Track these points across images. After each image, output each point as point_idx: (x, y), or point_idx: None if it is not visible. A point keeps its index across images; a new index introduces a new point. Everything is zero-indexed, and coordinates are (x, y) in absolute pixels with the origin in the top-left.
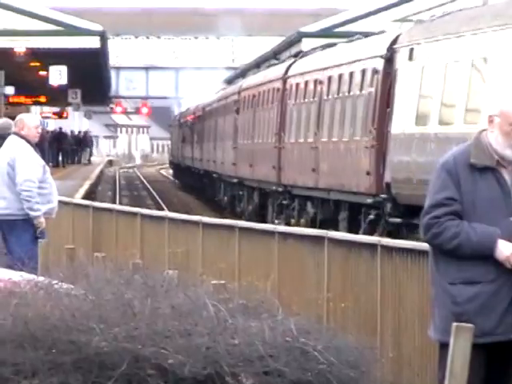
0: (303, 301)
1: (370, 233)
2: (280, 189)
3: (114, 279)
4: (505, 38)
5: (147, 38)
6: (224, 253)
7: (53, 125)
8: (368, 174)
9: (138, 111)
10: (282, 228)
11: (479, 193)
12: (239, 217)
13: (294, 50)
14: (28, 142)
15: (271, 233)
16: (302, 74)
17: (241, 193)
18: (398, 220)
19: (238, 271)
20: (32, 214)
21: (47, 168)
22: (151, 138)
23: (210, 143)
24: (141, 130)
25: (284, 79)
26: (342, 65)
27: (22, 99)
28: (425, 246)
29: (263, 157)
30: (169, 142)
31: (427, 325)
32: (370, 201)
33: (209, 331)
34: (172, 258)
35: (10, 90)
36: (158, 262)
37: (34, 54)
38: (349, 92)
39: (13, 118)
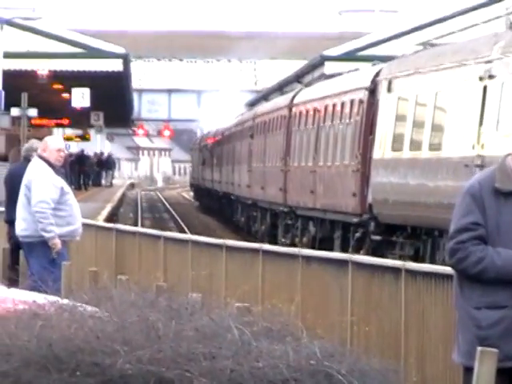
0: (327, 324)
1: (357, 250)
2: (286, 209)
3: (138, 302)
4: (461, 72)
5: (170, 60)
6: (247, 276)
7: (75, 147)
8: (354, 195)
9: (160, 134)
10: (306, 251)
11: (504, 217)
12: (254, 237)
13: (316, 74)
14: (49, 164)
15: (295, 256)
16: (304, 102)
17: (255, 214)
18: (379, 237)
19: (262, 294)
20: (46, 235)
21: (67, 190)
22: (173, 161)
23: (229, 166)
24: (163, 152)
25: (290, 107)
26: (335, 95)
27: (45, 121)
28: (449, 269)
29: (272, 179)
30: (190, 165)
31: (451, 349)
32: (356, 220)
33: (233, 354)
34: (195, 280)
35: (33, 112)
36: (182, 284)
37: (56, 76)
38: (340, 120)
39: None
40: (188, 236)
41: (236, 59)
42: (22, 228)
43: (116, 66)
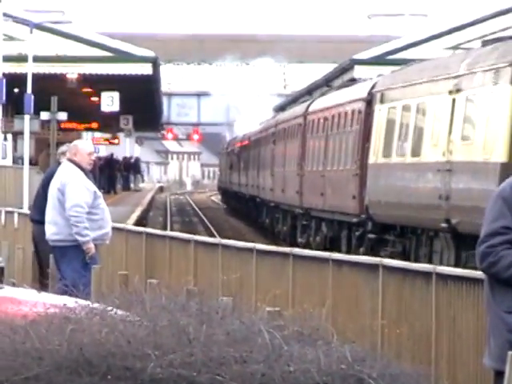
0: (358, 328)
1: (358, 248)
2: (302, 211)
3: (168, 306)
4: (436, 86)
5: (199, 64)
6: (278, 280)
7: (104, 151)
8: (354, 197)
9: (189, 137)
10: (337, 255)
11: None
12: (278, 237)
13: (346, 77)
14: (80, 167)
15: (325, 260)
16: (316, 111)
17: (277, 215)
18: (373, 236)
19: (292, 298)
20: (81, 239)
21: (99, 194)
22: (202, 165)
23: (254, 170)
24: (192, 156)
25: (305, 115)
26: (340, 105)
27: (74, 125)
28: (480, 274)
29: (290, 183)
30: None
31: (482, 353)
32: (355, 220)
33: (264, 358)
34: (226, 284)
35: (62, 115)
36: (212, 288)
37: (86, 80)
38: (344, 128)
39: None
40: (218, 240)
41: (265, 63)
42: (53, 232)
43: (145, 69)
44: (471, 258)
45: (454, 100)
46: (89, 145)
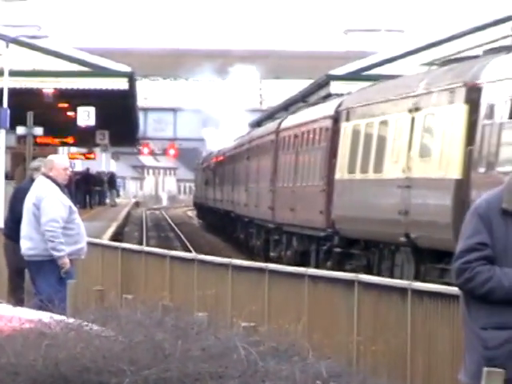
0: (334, 344)
1: (326, 260)
2: (274, 226)
3: (144, 321)
4: (397, 105)
5: (175, 79)
6: (254, 295)
7: (80, 166)
8: (321, 212)
9: (165, 153)
10: (312, 271)
11: (511, 238)
12: (252, 252)
13: (322, 93)
14: (56, 183)
15: (301, 276)
16: (287, 128)
17: (251, 230)
18: (339, 250)
19: (268, 314)
20: (56, 254)
21: (74, 209)
22: (178, 180)
23: (229, 186)
24: (168, 171)
25: (277, 132)
26: (309, 122)
27: (50, 140)
28: (455, 290)
29: (263, 199)
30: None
31: (458, 369)
32: (322, 234)
33: (239, 374)
34: (202, 300)
35: (38, 130)
36: (188, 304)
37: (62, 94)
38: (312, 145)
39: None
40: (194, 255)
41: (241, 78)
42: (28, 247)
43: (122, 84)
44: (430, 271)
45: (413, 118)
46: (64, 160)
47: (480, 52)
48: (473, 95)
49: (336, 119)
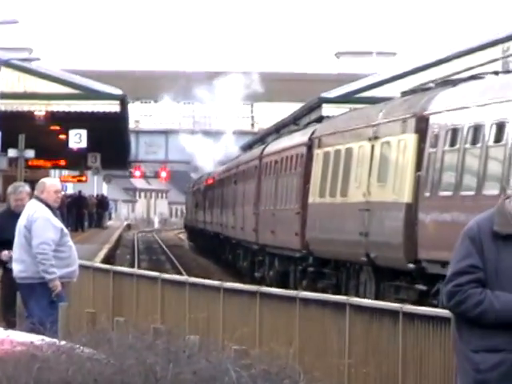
0: (325, 367)
1: (301, 280)
2: (257, 247)
3: (135, 344)
4: (359, 134)
5: (167, 102)
6: (245, 318)
7: (72, 188)
8: (296, 234)
9: (157, 175)
10: (304, 294)
11: (502, 260)
12: (239, 273)
13: (314, 116)
14: (47, 205)
15: (293, 299)
16: (269, 154)
17: (238, 251)
18: (312, 269)
19: (260, 337)
20: (47, 276)
21: (66, 231)
22: (170, 203)
23: (218, 209)
24: (159, 194)
25: (260, 158)
26: (287, 149)
27: (42, 162)
28: (446, 313)
29: (248, 221)
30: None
31: None
32: (298, 255)
33: None
34: (193, 322)
35: (30, 153)
36: (179, 327)
37: (53, 117)
38: (290, 170)
39: (32, 182)
40: (185, 278)
41: (233, 101)
42: (20, 270)
43: (113, 107)
44: (387, 288)
45: (372, 146)
46: (56, 182)
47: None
48: (421, 125)
49: (310, 146)
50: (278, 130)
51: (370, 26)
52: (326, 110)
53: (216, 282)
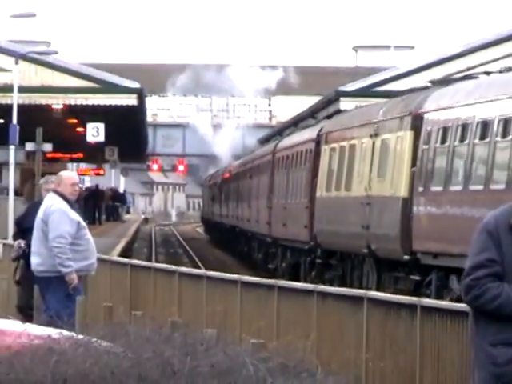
0: (342, 360)
1: (310, 271)
2: (270, 240)
3: (153, 337)
4: (362, 131)
5: (184, 95)
6: (262, 311)
7: (89, 182)
8: (306, 227)
9: (174, 169)
10: (321, 288)
11: None
12: (255, 264)
13: (331, 109)
14: (65, 198)
15: (310, 292)
16: (281, 150)
17: (253, 244)
18: (320, 261)
19: (277, 330)
20: (63, 270)
21: (83, 224)
22: (187, 196)
23: (234, 202)
24: (177, 187)
25: (273, 153)
26: (298, 144)
27: (60, 156)
28: (464, 306)
29: (262, 214)
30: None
31: None
32: (307, 247)
33: None
34: (210, 316)
35: (47, 146)
36: (197, 320)
37: (71, 110)
38: (300, 165)
39: (50, 175)
40: (203, 271)
41: (251, 95)
42: (37, 263)
43: (131, 100)
44: (388, 279)
45: (373, 143)
46: (73, 175)
47: (490, 68)
48: (417, 123)
49: (318, 142)
50: (296, 123)
51: (388, 20)
52: (344, 103)
53: (234, 276)
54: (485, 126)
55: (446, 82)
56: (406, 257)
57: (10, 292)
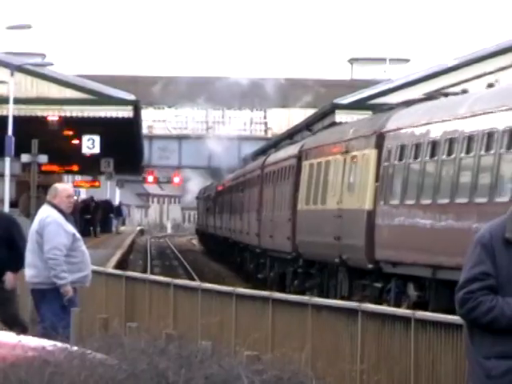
0: (337, 372)
1: (293, 280)
2: (260, 251)
3: (148, 349)
4: (335, 148)
5: (180, 107)
6: (257, 324)
7: (85, 194)
8: (288, 238)
9: (170, 181)
10: (316, 300)
11: None
12: (246, 274)
13: (327, 122)
14: (60, 210)
15: (305, 305)
16: (269, 165)
17: (245, 255)
18: (301, 270)
19: (272, 342)
20: (58, 282)
21: (78, 236)
22: (183, 208)
23: (227, 214)
24: (172, 199)
25: (262, 168)
26: (282, 160)
27: (55, 168)
28: (458, 319)
29: (252, 226)
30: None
31: None
32: (289, 257)
33: None
34: (205, 328)
35: (43, 158)
36: (192, 332)
37: (67, 122)
38: (284, 180)
39: (45, 187)
40: (198, 284)
41: (246, 107)
42: (32, 275)
43: (127, 112)
44: (357, 287)
45: (344, 159)
46: (68, 187)
47: (485, 82)
48: (380, 142)
49: (299, 158)
50: (291, 136)
51: (384, 33)
52: (339, 116)
53: (229, 288)
54: (434, 145)
55: (407, 103)
56: (370, 265)
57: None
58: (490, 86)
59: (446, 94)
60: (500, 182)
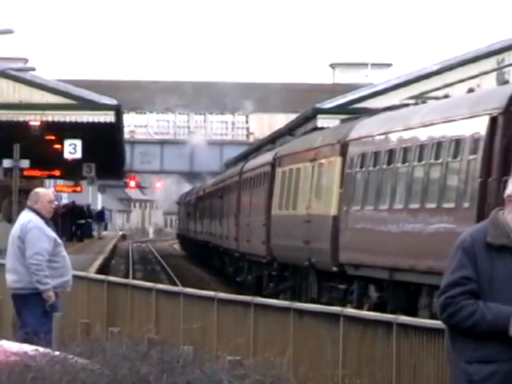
0: (319, 377)
1: (268, 283)
2: (238, 255)
3: (129, 354)
4: (305, 156)
5: (162, 112)
6: (239, 329)
7: (66, 198)
8: (263, 243)
9: (152, 185)
10: (298, 305)
11: (496, 272)
12: (227, 278)
13: (309, 126)
14: (41, 215)
15: (287, 309)
16: (246, 171)
17: (225, 259)
18: (275, 273)
19: (254, 347)
20: (41, 287)
21: (59, 242)
22: (164, 213)
23: (207, 220)
24: (154, 204)
25: (240, 175)
26: (258, 167)
27: (37, 172)
28: (440, 324)
29: (231, 231)
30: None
31: None
32: (264, 261)
33: None
34: (187, 333)
35: (25, 163)
36: (174, 337)
37: (48, 127)
38: (260, 186)
39: (27, 192)
40: (180, 288)
41: (228, 112)
42: (14, 280)
43: (108, 117)
44: (325, 289)
45: (313, 167)
46: (49, 193)
47: (466, 87)
48: (344, 150)
49: (273, 165)
50: (273, 140)
51: (365, 38)
52: (321, 121)
53: (210, 293)
54: (391, 153)
55: (370, 113)
56: (335, 268)
57: None
58: (471, 90)
59: (407, 105)
60: (447, 189)
